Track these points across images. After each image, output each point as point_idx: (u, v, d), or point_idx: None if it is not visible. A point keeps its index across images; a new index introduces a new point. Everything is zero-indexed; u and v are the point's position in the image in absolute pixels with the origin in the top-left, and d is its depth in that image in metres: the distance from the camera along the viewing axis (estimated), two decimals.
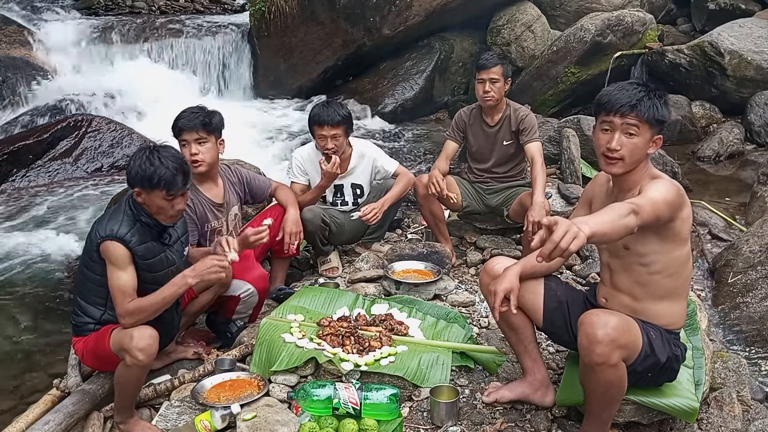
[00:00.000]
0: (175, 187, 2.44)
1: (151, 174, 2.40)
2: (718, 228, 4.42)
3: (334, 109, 3.56)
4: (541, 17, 7.54)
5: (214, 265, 2.45)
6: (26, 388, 3.24)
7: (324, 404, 2.43)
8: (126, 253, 2.43)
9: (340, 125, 3.54)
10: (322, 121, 3.53)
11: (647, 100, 2.08)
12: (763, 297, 3.49)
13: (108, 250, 2.43)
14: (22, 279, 4.32)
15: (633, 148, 2.10)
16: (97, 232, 2.47)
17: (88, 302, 2.58)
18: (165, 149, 2.49)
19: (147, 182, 2.42)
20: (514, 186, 3.84)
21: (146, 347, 2.36)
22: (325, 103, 3.68)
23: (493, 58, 3.69)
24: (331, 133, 3.52)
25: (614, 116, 2.10)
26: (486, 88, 3.64)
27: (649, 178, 2.15)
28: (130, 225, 2.46)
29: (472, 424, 2.43)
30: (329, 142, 3.53)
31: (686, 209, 2.11)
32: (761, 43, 6.54)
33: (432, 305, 3.14)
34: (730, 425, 2.43)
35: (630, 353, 2.06)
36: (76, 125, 6.10)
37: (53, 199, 5.58)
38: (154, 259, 2.52)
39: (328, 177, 3.57)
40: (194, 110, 3.07)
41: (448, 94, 7.83)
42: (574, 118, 5.32)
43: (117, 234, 2.42)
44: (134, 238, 2.45)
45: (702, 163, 6.14)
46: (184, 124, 3.02)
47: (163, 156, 2.44)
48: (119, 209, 2.53)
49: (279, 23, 7.44)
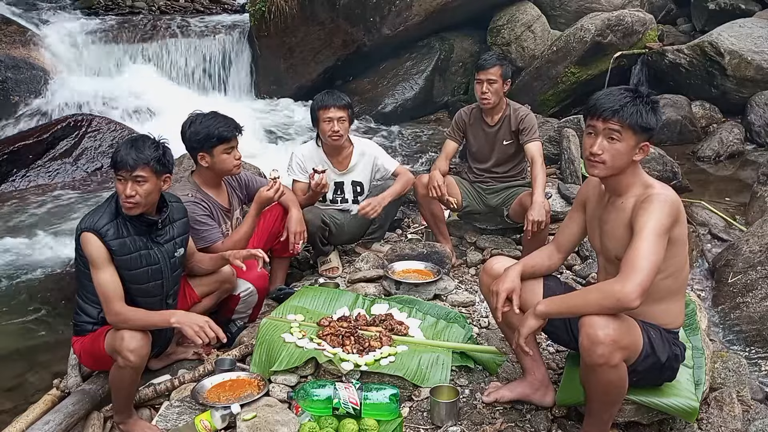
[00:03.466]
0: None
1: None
2: (718, 228, 4.42)
3: (338, 95, 3.66)
4: (541, 17, 7.54)
5: (200, 329, 2.43)
6: (26, 388, 3.24)
7: (324, 404, 2.43)
8: (101, 247, 2.42)
9: (346, 108, 3.62)
10: (328, 104, 3.58)
11: (631, 106, 2.07)
12: (763, 297, 3.49)
13: (85, 243, 2.44)
14: (22, 279, 4.31)
15: (615, 153, 2.09)
16: (79, 225, 2.49)
17: (85, 301, 2.59)
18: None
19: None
20: (514, 186, 3.84)
21: (137, 348, 2.37)
22: (328, 90, 3.75)
23: (492, 58, 3.68)
24: (338, 115, 3.58)
25: (597, 120, 2.11)
26: (483, 89, 3.64)
27: (641, 185, 2.14)
28: (110, 218, 2.47)
29: (472, 424, 2.43)
30: (336, 124, 3.57)
31: (681, 217, 2.10)
32: (761, 43, 6.53)
33: (432, 305, 3.14)
34: (730, 425, 2.42)
35: (631, 353, 2.06)
36: (76, 125, 6.09)
37: (53, 199, 5.58)
38: (130, 256, 2.50)
39: (314, 193, 3.60)
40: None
41: (448, 94, 7.82)
42: (574, 118, 5.32)
43: (94, 226, 2.43)
44: (110, 231, 2.44)
45: (702, 163, 6.13)
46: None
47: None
48: (104, 204, 2.54)
49: (279, 23, 7.44)
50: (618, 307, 1.97)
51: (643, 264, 1.96)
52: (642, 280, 1.94)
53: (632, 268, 1.96)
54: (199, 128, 3.03)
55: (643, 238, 2.00)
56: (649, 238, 2.00)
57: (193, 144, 3.06)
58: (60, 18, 7.92)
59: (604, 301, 1.98)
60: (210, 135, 3.01)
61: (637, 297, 1.93)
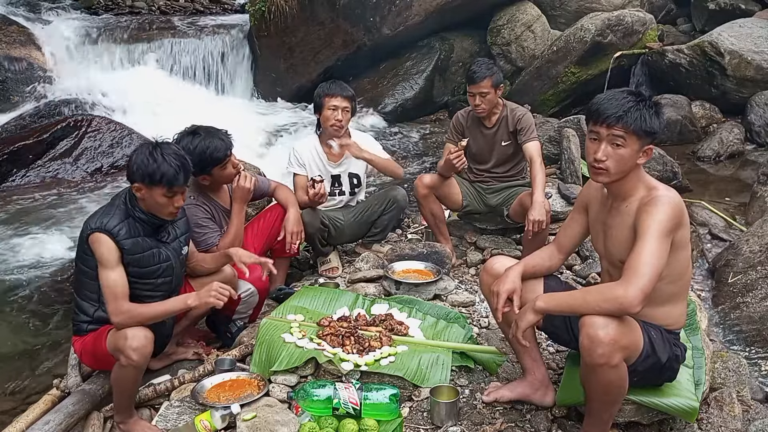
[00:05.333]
0: (177, 183, 2.47)
1: (153, 170, 2.42)
2: (718, 228, 4.42)
3: (344, 85, 3.70)
4: (541, 17, 7.54)
5: (215, 290, 2.49)
6: (26, 388, 3.24)
7: (324, 404, 2.42)
8: (113, 247, 2.43)
9: (351, 100, 3.67)
10: (335, 92, 3.62)
11: (635, 111, 2.04)
12: (763, 297, 3.48)
13: (95, 243, 2.44)
14: (22, 279, 4.31)
15: (619, 159, 2.07)
16: (88, 224, 2.49)
17: (82, 298, 2.60)
18: (167, 146, 2.51)
19: (149, 178, 2.43)
20: (514, 186, 3.84)
21: (140, 347, 2.37)
22: (333, 80, 3.78)
23: (481, 70, 3.58)
24: (343, 104, 3.62)
25: (601, 126, 2.08)
26: (476, 102, 3.65)
27: (644, 188, 2.14)
28: (121, 218, 2.48)
29: (472, 424, 2.43)
30: (340, 113, 3.60)
31: (685, 219, 2.10)
32: (761, 43, 6.53)
33: (432, 305, 3.14)
34: (730, 425, 2.42)
35: (631, 354, 2.06)
36: (76, 125, 6.09)
37: (53, 199, 5.58)
38: (143, 254, 2.52)
39: (312, 203, 3.57)
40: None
41: (448, 94, 7.83)
42: (574, 118, 5.31)
43: (106, 226, 2.44)
44: (122, 231, 2.45)
45: (702, 163, 6.13)
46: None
47: (166, 153, 2.46)
48: (113, 203, 2.55)
49: (279, 23, 7.44)
50: (619, 311, 1.97)
51: (645, 269, 1.95)
52: (644, 285, 1.94)
53: (635, 272, 1.96)
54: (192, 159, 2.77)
55: (646, 241, 1.99)
56: (651, 241, 1.99)
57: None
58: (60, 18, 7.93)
59: (604, 304, 1.97)
60: (204, 164, 2.98)
61: (639, 303, 1.93)
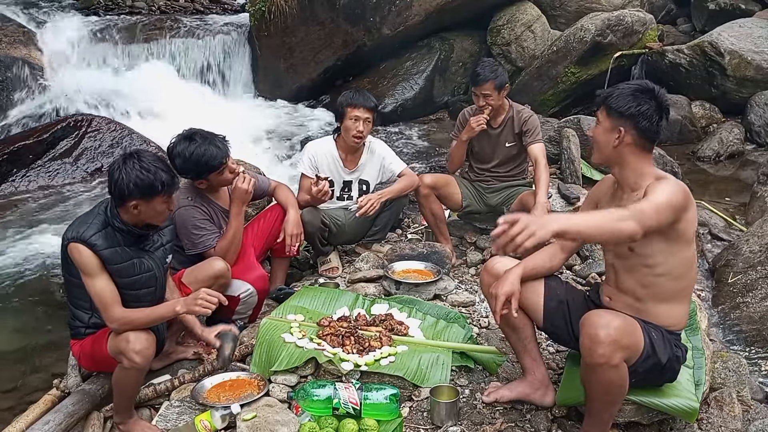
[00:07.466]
0: (175, 186, 2.47)
1: (152, 182, 2.37)
2: (718, 228, 4.42)
3: (368, 96, 3.68)
4: (541, 17, 7.54)
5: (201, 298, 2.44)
6: (26, 388, 3.24)
7: (324, 404, 2.43)
8: (92, 256, 2.39)
9: (373, 111, 3.64)
10: (358, 103, 3.59)
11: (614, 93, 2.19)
12: (763, 297, 3.48)
13: (74, 254, 2.41)
14: (22, 279, 4.31)
15: (594, 134, 2.25)
16: (66, 234, 2.45)
17: (75, 306, 2.58)
18: (144, 154, 2.46)
19: (149, 191, 2.38)
20: (515, 185, 3.85)
21: (143, 350, 2.37)
22: (356, 89, 3.77)
23: (484, 72, 3.60)
24: (365, 115, 3.59)
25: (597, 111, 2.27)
26: (480, 102, 3.66)
27: (653, 178, 2.15)
28: (98, 228, 2.42)
29: (472, 424, 2.43)
30: (362, 124, 3.59)
31: (692, 210, 2.11)
32: (761, 43, 6.53)
33: (432, 305, 3.14)
34: (730, 425, 2.43)
35: (632, 354, 2.06)
36: (76, 125, 6.09)
37: (53, 199, 5.58)
38: (123, 265, 2.45)
39: (314, 199, 3.57)
40: None
41: (448, 94, 7.81)
42: (574, 118, 5.31)
43: (82, 236, 2.39)
44: (100, 241, 2.40)
45: (702, 163, 6.13)
46: None
47: (151, 161, 2.41)
48: (91, 212, 2.50)
49: (279, 23, 7.43)
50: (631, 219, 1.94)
51: (644, 205, 1.99)
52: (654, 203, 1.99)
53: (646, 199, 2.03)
54: (188, 165, 2.96)
55: (651, 195, 2.03)
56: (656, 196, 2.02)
57: (185, 176, 3.00)
58: (60, 18, 7.92)
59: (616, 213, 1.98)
60: (200, 171, 2.98)
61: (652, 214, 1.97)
